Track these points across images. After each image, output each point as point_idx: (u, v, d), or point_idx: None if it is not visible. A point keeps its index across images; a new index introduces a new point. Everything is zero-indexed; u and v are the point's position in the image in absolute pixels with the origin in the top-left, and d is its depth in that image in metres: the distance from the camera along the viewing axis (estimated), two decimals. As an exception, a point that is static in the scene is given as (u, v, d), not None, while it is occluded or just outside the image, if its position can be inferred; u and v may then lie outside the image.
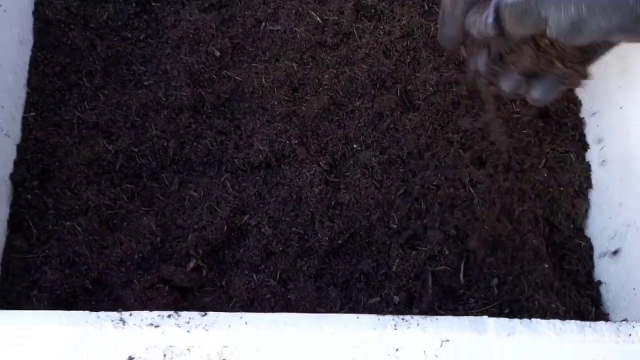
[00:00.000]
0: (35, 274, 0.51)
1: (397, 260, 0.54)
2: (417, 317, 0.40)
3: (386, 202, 0.56)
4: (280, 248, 0.53)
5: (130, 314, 0.38)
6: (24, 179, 0.54)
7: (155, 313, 0.38)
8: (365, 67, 0.61)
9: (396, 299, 0.53)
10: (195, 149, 0.57)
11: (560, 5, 0.36)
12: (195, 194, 0.55)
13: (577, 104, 0.61)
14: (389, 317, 0.40)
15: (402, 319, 0.40)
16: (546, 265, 0.54)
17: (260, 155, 0.57)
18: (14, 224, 0.53)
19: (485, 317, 0.40)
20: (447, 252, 0.54)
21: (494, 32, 0.41)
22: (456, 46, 0.47)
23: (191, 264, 0.52)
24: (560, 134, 0.59)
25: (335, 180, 0.56)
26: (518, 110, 0.59)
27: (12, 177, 0.54)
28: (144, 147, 0.56)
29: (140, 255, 0.52)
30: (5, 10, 0.52)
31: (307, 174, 0.56)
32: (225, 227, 0.53)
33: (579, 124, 0.60)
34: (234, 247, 0.54)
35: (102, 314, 0.38)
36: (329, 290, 0.53)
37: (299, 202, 0.56)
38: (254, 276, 0.52)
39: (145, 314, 0.38)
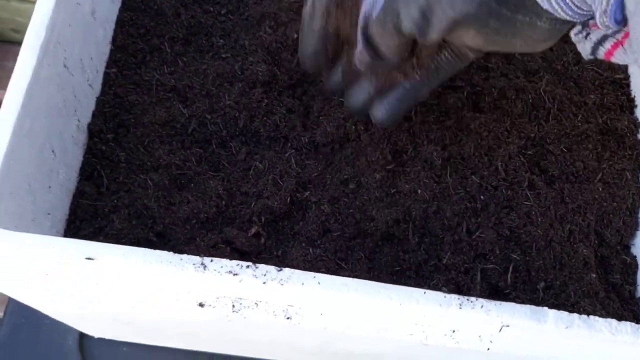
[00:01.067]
0: (102, 222, 0.53)
1: (448, 254, 0.55)
2: (481, 300, 0.41)
3: (443, 197, 0.57)
4: (338, 227, 0.55)
5: (212, 260, 0.40)
6: (101, 130, 0.56)
7: (234, 262, 0.40)
8: (434, 65, 0.62)
9: (444, 290, 0.54)
10: (264, 123, 0.59)
11: None
12: (260, 165, 0.57)
13: (637, 125, 0.62)
14: (454, 296, 0.41)
15: (468, 299, 0.41)
16: (594, 275, 0.55)
17: (325, 137, 0.58)
18: (86, 171, 0.55)
19: (545, 308, 0.42)
20: (497, 252, 0.55)
21: (369, 56, 0.41)
22: (319, 62, 0.47)
23: (253, 230, 0.53)
24: (618, 151, 0.61)
25: (396, 170, 0.58)
26: (580, 124, 0.61)
27: (90, 126, 0.56)
28: (216, 115, 0.58)
29: (205, 215, 0.53)
30: (104, -32, 0.55)
31: (370, 159, 0.58)
32: (288, 200, 0.55)
33: (637, 144, 0.61)
34: (293, 220, 0.55)
35: (184, 256, 0.39)
36: (380, 273, 0.54)
37: (359, 185, 0.57)
38: (310, 250, 0.54)
39: (225, 261, 0.40)
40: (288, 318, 0.43)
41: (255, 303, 0.42)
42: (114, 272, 0.38)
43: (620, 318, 0.54)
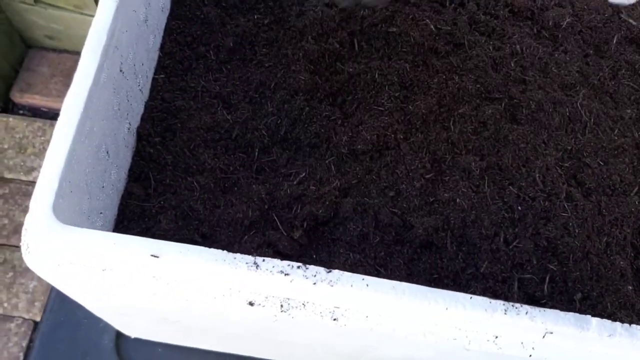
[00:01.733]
0: (150, 222, 0.55)
1: (485, 263, 0.56)
2: (526, 306, 0.42)
3: (481, 206, 0.58)
4: (377, 233, 0.56)
5: (264, 260, 0.41)
6: (149, 134, 0.58)
7: (286, 263, 0.41)
8: (473, 77, 0.64)
9: (481, 298, 0.55)
10: (305, 130, 0.60)
11: None
12: (301, 170, 0.59)
13: (674, 140, 0.63)
14: (499, 302, 0.42)
15: (513, 305, 0.42)
16: (630, 287, 0.56)
17: (365, 144, 0.60)
18: (134, 173, 0.57)
19: (588, 316, 0.42)
20: (534, 262, 0.56)
21: None
22: None
23: (296, 234, 0.55)
24: (655, 166, 0.61)
25: (435, 179, 0.59)
26: (616, 138, 0.62)
27: (139, 130, 0.58)
28: (259, 122, 0.60)
29: (248, 218, 0.55)
30: (157, -22, 0.57)
31: (409, 168, 0.59)
32: (328, 206, 0.56)
33: (674, 160, 0.62)
34: (333, 225, 0.56)
35: (238, 255, 0.41)
36: (419, 280, 0.55)
37: (399, 193, 0.58)
38: (350, 255, 0.55)
39: (277, 261, 0.41)
40: (335, 319, 0.44)
41: (303, 304, 0.43)
42: (174, 269, 0.40)
43: (657, 330, 0.55)
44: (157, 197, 0.56)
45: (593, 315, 0.56)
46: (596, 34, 0.68)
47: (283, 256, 0.54)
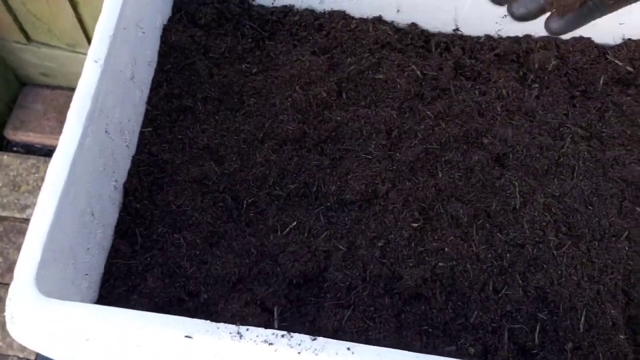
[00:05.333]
0: (136, 280, 0.55)
1: (475, 312, 0.56)
2: (513, 370, 0.41)
3: (469, 255, 0.58)
4: (366, 286, 0.56)
5: (247, 329, 0.41)
6: (136, 189, 0.58)
7: (270, 331, 0.41)
8: (459, 122, 0.64)
9: (472, 350, 0.55)
10: (294, 180, 0.60)
11: None
12: (290, 222, 0.58)
13: (662, 182, 0.63)
14: (485, 365, 0.41)
15: (499, 369, 0.41)
16: (622, 337, 0.55)
17: (354, 194, 0.60)
18: (121, 229, 0.57)
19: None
20: (524, 311, 0.56)
21: None
22: None
23: (283, 288, 0.54)
24: (644, 210, 0.61)
25: (423, 227, 0.59)
26: (604, 182, 0.62)
27: (125, 185, 0.58)
28: (247, 173, 0.60)
29: (236, 274, 0.54)
30: (144, 32, 0.57)
31: (397, 217, 0.59)
32: (317, 258, 0.56)
33: (663, 203, 0.62)
34: (323, 278, 0.56)
35: (222, 325, 0.41)
36: (408, 333, 0.55)
37: (388, 243, 0.58)
38: (339, 310, 0.54)
39: (261, 330, 0.41)
40: (321, 385, 0.43)
41: (289, 370, 0.42)
42: (157, 340, 0.39)
43: (650, 380, 0.54)
44: (144, 254, 0.56)
45: (585, 367, 0.55)
46: (582, 76, 0.68)
47: (271, 312, 0.54)
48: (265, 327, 0.52)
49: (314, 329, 0.53)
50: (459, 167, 0.62)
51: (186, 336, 0.40)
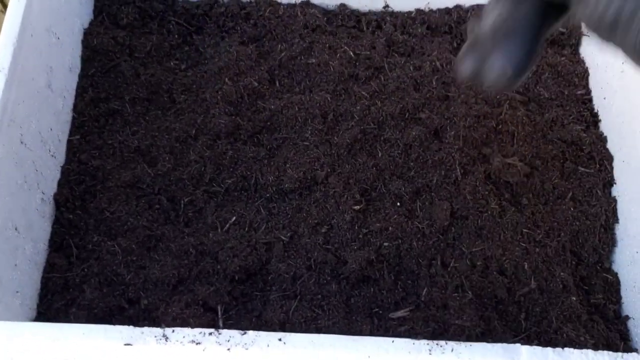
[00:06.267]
0: (74, 292, 0.53)
1: (425, 290, 0.55)
2: (451, 343, 0.41)
3: (415, 231, 0.57)
4: (312, 273, 0.55)
5: (173, 331, 0.39)
6: (67, 199, 0.56)
7: (197, 330, 0.39)
8: (395, 99, 0.63)
9: (425, 328, 0.54)
10: (231, 174, 0.59)
11: None
12: (229, 217, 0.57)
13: (604, 139, 0.62)
14: (423, 341, 0.41)
15: (437, 344, 0.40)
16: (574, 298, 0.55)
17: (293, 183, 0.58)
18: (55, 242, 0.55)
19: (518, 344, 0.41)
20: (474, 282, 0.55)
21: None
22: None
23: (225, 286, 0.53)
24: (587, 168, 0.60)
25: (366, 209, 0.58)
26: (544, 144, 0.61)
27: (56, 197, 0.56)
28: (182, 172, 0.59)
29: (176, 275, 0.53)
30: (58, 38, 0.55)
31: (339, 201, 0.58)
32: (258, 251, 0.55)
33: (604, 159, 0.61)
34: (267, 271, 0.55)
35: (146, 329, 0.39)
36: (358, 317, 0.53)
37: (330, 229, 0.57)
38: (286, 302, 0.53)
39: (187, 330, 0.39)
40: (259, 379, 0.42)
41: (225, 367, 0.41)
42: (81, 351, 0.38)
43: (606, 340, 0.54)
44: (80, 265, 0.54)
45: (539, 333, 0.55)
46: (517, 41, 0.68)
47: (215, 311, 0.52)
48: (210, 327, 0.52)
49: (261, 324, 0.52)
50: (398, 145, 0.61)
51: (110, 345, 0.38)
